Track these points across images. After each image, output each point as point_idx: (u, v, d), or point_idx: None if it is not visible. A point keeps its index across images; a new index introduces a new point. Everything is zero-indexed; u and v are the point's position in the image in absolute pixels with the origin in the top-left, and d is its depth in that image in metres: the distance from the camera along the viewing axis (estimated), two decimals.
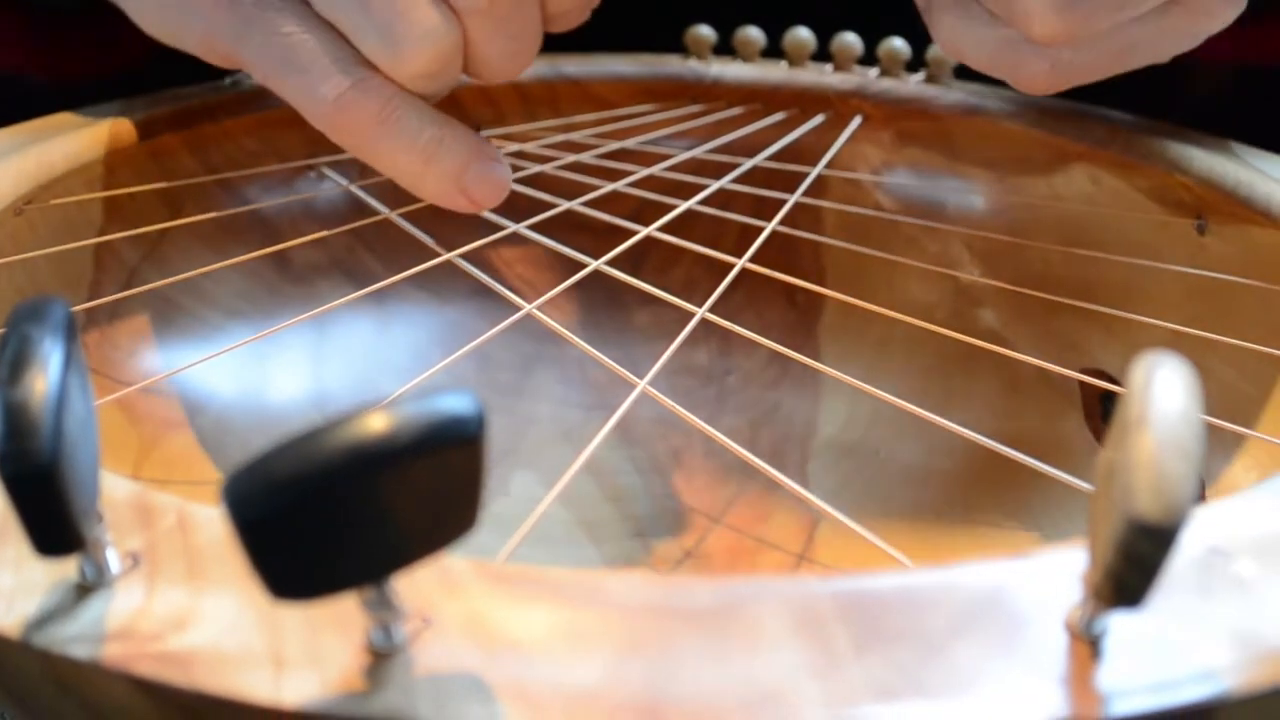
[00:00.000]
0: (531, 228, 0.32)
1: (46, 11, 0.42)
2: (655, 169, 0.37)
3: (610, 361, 0.26)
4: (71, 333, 0.15)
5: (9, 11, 0.41)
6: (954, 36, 0.32)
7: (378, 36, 0.27)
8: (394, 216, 0.33)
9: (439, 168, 0.29)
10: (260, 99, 0.37)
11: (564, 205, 0.34)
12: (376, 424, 0.13)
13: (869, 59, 0.41)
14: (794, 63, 0.42)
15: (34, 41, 0.42)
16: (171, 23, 0.31)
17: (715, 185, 0.35)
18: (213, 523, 0.17)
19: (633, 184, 0.35)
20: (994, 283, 0.34)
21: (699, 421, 0.24)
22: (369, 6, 0.27)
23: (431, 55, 0.27)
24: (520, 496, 0.34)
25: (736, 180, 0.36)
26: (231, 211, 0.35)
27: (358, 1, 0.27)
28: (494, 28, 0.28)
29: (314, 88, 0.28)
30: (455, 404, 0.13)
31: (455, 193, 0.29)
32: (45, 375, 0.14)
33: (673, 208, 0.33)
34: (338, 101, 0.28)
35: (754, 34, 0.42)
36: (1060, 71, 0.31)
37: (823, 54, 0.42)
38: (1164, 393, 0.13)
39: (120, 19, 0.33)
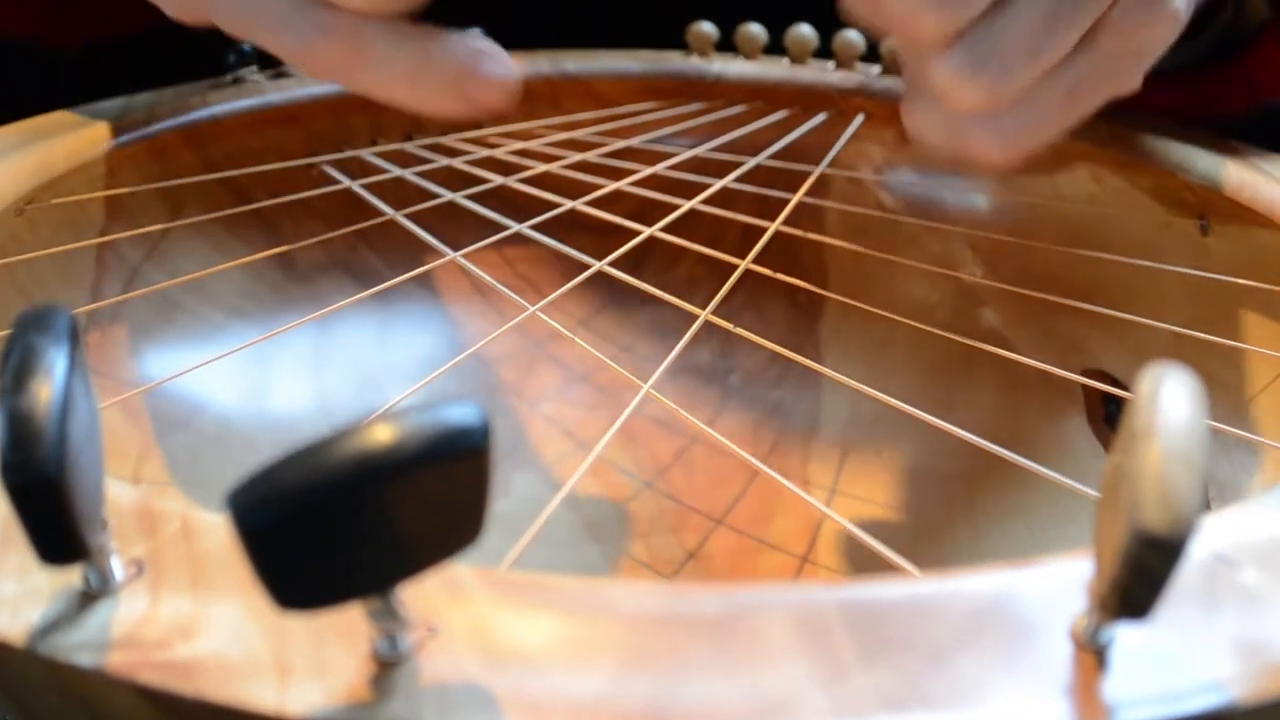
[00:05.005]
0: (534, 227, 0.32)
1: None
2: (657, 168, 0.36)
3: (613, 363, 0.26)
4: (75, 340, 0.15)
5: None
6: (914, 122, 0.30)
7: None
8: (398, 217, 0.33)
9: (427, 88, 0.27)
10: (261, 96, 0.37)
11: (567, 205, 0.34)
12: (382, 435, 0.13)
13: (871, 56, 0.41)
14: (796, 60, 0.42)
15: (48, 6, 0.42)
16: None
17: (718, 185, 0.35)
18: (217, 529, 0.17)
19: (635, 183, 0.35)
20: (996, 283, 0.34)
21: (701, 424, 0.24)
22: None
23: None
24: (522, 496, 0.34)
25: (738, 179, 0.35)
26: (233, 210, 0.35)
27: None
28: None
29: (280, 41, 0.27)
30: (461, 415, 0.13)
31: (456, 105, 0.28)
32: (50, 384, 0.14)
33: (675, 207, 0.33)
34: (305, 50, 0.27)
35: (756, 31, 0.42)
36: (1010, 137, 0.29)
37: (825, 51, 0.42)
38: (1171, 403, 0.13)
39: None
